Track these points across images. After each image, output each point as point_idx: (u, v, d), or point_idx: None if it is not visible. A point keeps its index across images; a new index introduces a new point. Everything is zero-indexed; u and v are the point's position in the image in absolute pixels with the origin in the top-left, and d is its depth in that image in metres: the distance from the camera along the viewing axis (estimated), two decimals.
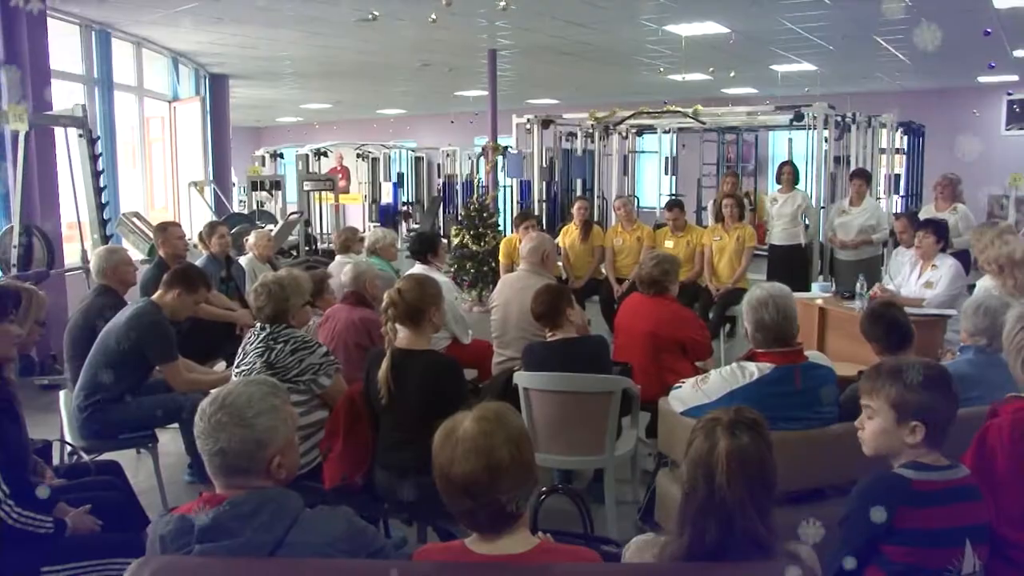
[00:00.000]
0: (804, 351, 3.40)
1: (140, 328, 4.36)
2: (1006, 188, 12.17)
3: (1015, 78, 15.03)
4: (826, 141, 10.10)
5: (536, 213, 11.29)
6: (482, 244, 10.48)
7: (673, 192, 14.68)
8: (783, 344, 3.30)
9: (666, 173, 15.54)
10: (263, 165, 19.05)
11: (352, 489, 3.58)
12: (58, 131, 7.63)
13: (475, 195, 11.79)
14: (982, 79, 15.26)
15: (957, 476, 2.26)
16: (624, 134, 13.78)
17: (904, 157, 13.68)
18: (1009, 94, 15.84)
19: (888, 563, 2.21)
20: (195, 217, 11.88)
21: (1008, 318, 2.47)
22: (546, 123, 12.45)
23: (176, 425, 4.67)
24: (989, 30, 9.51)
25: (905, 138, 13.44)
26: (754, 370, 3.27)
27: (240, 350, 4.04)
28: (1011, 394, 2.44)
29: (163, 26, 10.02)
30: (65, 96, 8.84)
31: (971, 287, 5.42)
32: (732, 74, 13.40)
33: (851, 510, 2.28)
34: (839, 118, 10.22)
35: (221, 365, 5.50)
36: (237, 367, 3.98)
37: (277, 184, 14.54)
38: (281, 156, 19.96)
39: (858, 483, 2.32)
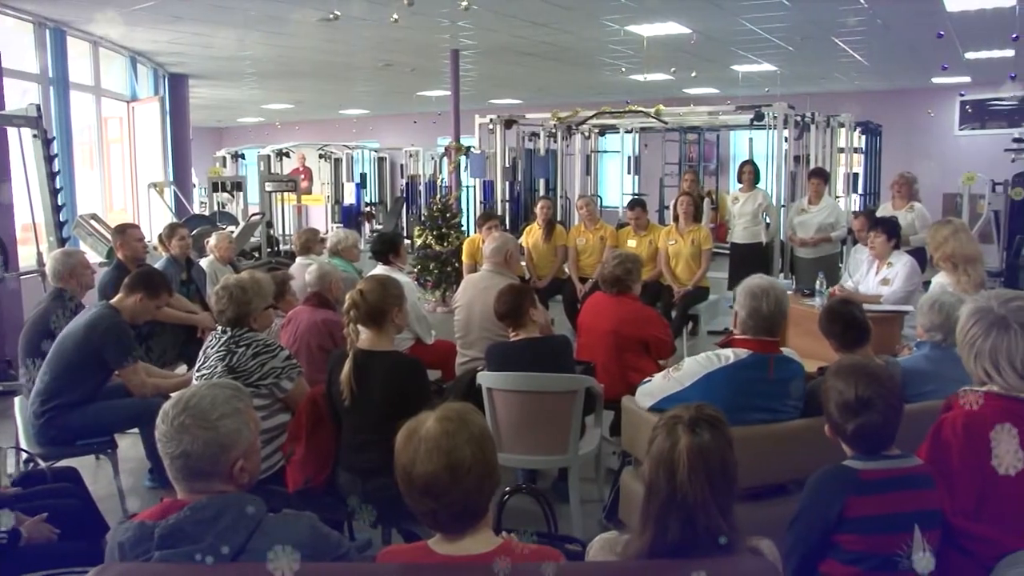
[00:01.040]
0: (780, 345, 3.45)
1: (98, 332, 4.30)
2: (960, 187, 12.37)
3: (967, 79, 15.30)
4: (786, 140, 10.22)
5: (499, 213, 11.29)
6: (445, 244, 10.46)
7: (636, 191, 14.75)
8: (767, 335, 3.34)
9: (628, 173, 15.62)
10: (224, 166, 18.88)
11: (315, 492, 3.56)
12: (11, 131, 7.48)
13: (438, 195, 11.76)
14: (936, 80, 15.52)
15: (905, 465, 2.31)
16: (587, 134, 13.83)
17: (862, 156, 13.87)
18: (962, 95, 16.13)
19: (842, 552, 2.26)
20: (155, 219, 11.74)
21: (961, 314, 2.51)
22: (509, 123, 12.46)
23: (136, 430, 4.62)
24: (942, 32, 9.67)
25: (863, 138, 13.64)
26: (730, 355, 3.31)
27: (201, 353, 4.00)
28: (964, 388, 2.49)
29: (120, 25, 9.87)
30: (19, 96, 8.70)
31: (927, 284, 5.51)
32: (693, 74, 13.50)
33: (803, 504, 2.33)
34: (799, 118, 10.34)
35: (182, 369, 5.45)
36: (198, 371, 3.93)
37: (238, 185, 14.40)
38: (242, 157, 19.80)
39: (809, 478, 2.37)
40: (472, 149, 12.11)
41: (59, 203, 7.68)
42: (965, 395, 2.45)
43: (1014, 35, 9.08)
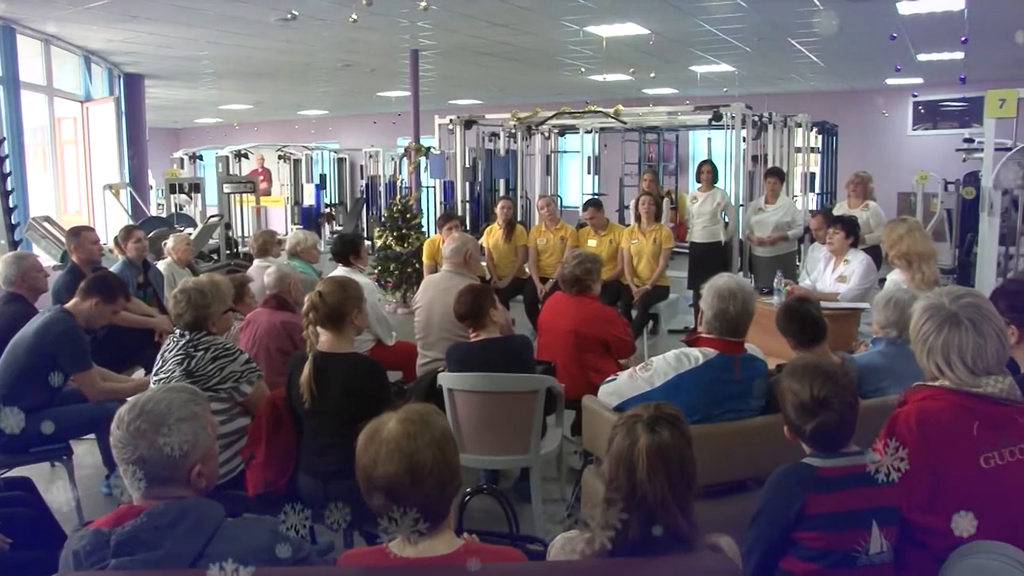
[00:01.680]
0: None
1: (51, 337, 4.23)
2: (914, 186, 12.59)
3: (920, 80, 15.57)
4: (744, 140, 10.32)
5: (459, 214, 11.28)
6: (405, 245, 10.43)
7: (596, 191, 14.81)
8: (733, 336, 3.36)
9: (588, 173, 15.69)
10: (181, 167, 18.72)
11: (276, 495, 3.53)
12: None
13: (398, 196, 11.72)
14: (890, 81, 15.78)
15: (862, 461, 2.34)
16: (546, 134, 13.87)
17: (819, 156, 14.06)
18: (914, 95, 16.41)
19: (802, 549, 2.28)
20: (110, 221, 11.60)
21: (914, 310, 2.55)
22: (469, 123, 12.45)
23: (93, 436, 4.55)
24: (895, 35, 9.82)
25: (819, 137, 13.83)
26: (699, 355, 3.31)
27: (159, 357, 3.95)
28: (918, 383, 2.53)
29: (73, 23, 9.73)
30: None
31: (882, 281, 5.59)
32: (652, 75, 13.59)
33: (763, 502, 2.36)
34: (756, 118, 10.45)
35: (139, 373, 5.38)
36: (155, 375, 3.89)
37: (196, 186, 14.27)
38: (200, 158, 19.62)
39: (769, 476, 2.39)
40: (432, 150, 12.09)
41: (11, 205, 7.57)
42: (918, 390, 2.49)
43: (963, 38, 9.26)
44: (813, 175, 13.70)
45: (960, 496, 2.32)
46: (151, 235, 8.02)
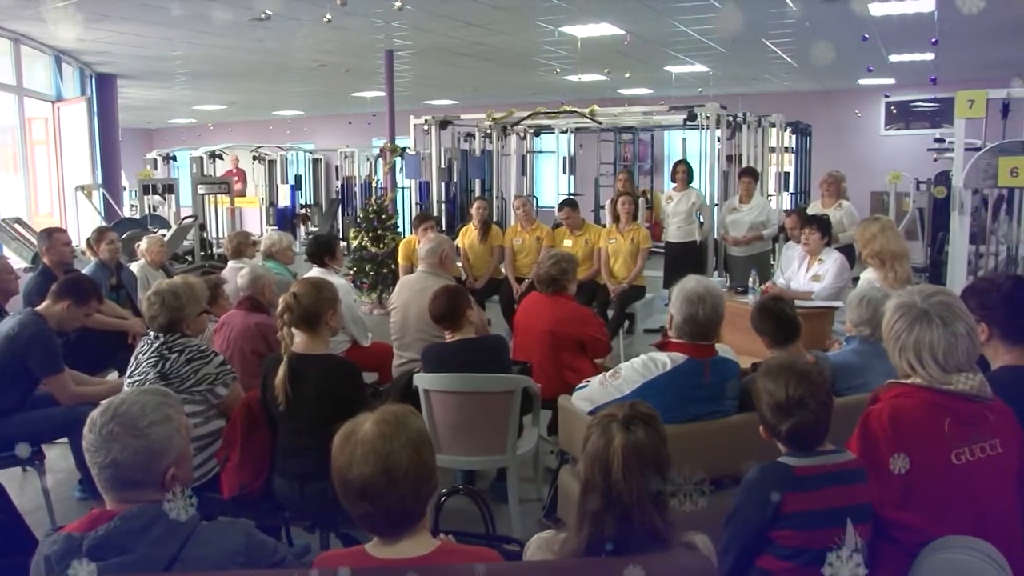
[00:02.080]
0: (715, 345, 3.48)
1: (22, 340, 4.19)
2: (886, 185, 12.71)
3: (892, 81, 15.71)
4: (719, 140, 10.36)
5: (435, 214, 11.27)
6: (381, 246, 10.41)
7: (571, 191, 14.83)
8: (703, 339, 3.36)
9: (564, 173, 15.69)
10: (155, 168, 18.60)
11: (251, 498, 3.52)
12: None
13: (373, 197, 11.69)
14: (862, 82, 15.92)
15: (838, 460, 2.36)
16: (522, 134, 13.86)
17: (793, 156, 14.14)
18: (886, 96, 16.56)
19: (778, 548, 2.29)
20: (83, 222, 11.49)
21: (886, 308, 2.57)
22: (444, 124, 12.43)
23: (65, 440, 4.51)
24: (867, 36, 9.91)
25: (793, 137, 13.90)
26: (667, 360, 3.31)
27: (133, 360, 3.92)
28: (890, 380, 2.55)
29: (43, 22, 9.62)
30: None
31: (856, 280, 5.64)
32: (627, 75, 13.64)
33: (739, 501, 2.37)
34: (730, 118, 10.49)
35: (113, 376, 5.33)
36: (129, 377, 3.85)
37: (170, 187, 14.18)
38: (174, 159, 19.50)
39: (745, 476, 2.41)
40: (407, 150, 12.06)
41: None
42: (891, 388, 2.52)
43: (933, 39, 9.36)
44: (787, 175, 13.78)
45: (932, 492, 2.34)
46: (124, 237, 7.96)
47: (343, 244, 9.13)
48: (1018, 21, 9.82)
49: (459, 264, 8.11)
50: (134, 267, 6.97)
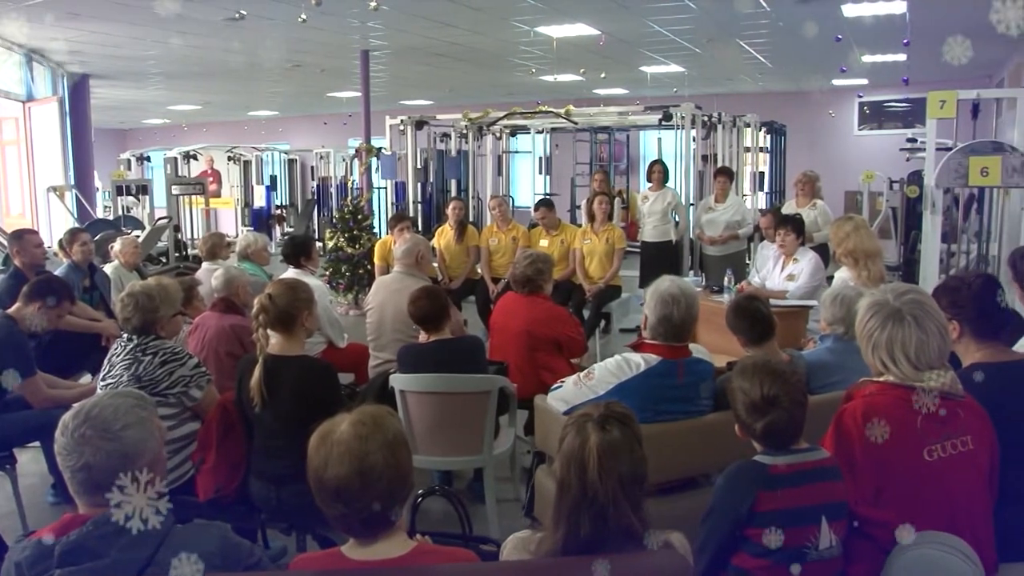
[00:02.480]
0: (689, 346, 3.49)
1: None
2: (860, 184, 12.82)
3: (865, 81, 15.84)
4: (694, 140, 10.41)
5: (411, 215, 11.23)
6: (357, 247, 10.38)
7: (547, 191, 14.85)
8: (677, 340, 3.37)
9: (540, 173, 15.71)
10: (129, 169, 18.45)
11: (227, 500, 3.50)
12: None
13: (349, 197, 11.66)
14: (836, 82, 16.03)
15: (813, 458, 2.37)
16: (498, 134, 13.86)
17: (767, 155, 14.23)
18: (860, 96, 16.69)
19: (753, 546, 2.30)
20: (55, 224, 11.39)
21: (859, 307, 2.60)
22: (420, 124, 12.41)
23: (37, 444, 4.46)
24: (840, 36, 9.98)
25: (768, 137, 13.98)
26: (640, 361, 3.32)
27: (106, 362, 3.88)
28: (864, 378, 2.57)
29: (13, 20, 9.50)
30: None
31: (830, 278, 5.68)
32: (603, 75, 13.67)
33: (715, 500, 2.38)
34: (706, 118, 10.54)
35: (86, 379, 5.28)
36: (102, 380, 3.82)
37: (144, 188, 14.08)
38: (148, 159, 19.34)
39: (720, 474, 2.42)
40: (383, 150, 12.04)
41: None
42: (864, 385, 2.54)
43: (905, 40, 9.45)
44: (762, 174, 13.86)
45: (905, 489, 2.36)
46: (97, 238, 7.89)
47: (319, 245, 9.10)
48: (988, 23, 9.92)
49: (435, 264, 8.10)
50: (108, 269, 6.91)
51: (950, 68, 13.46)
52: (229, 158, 20.06)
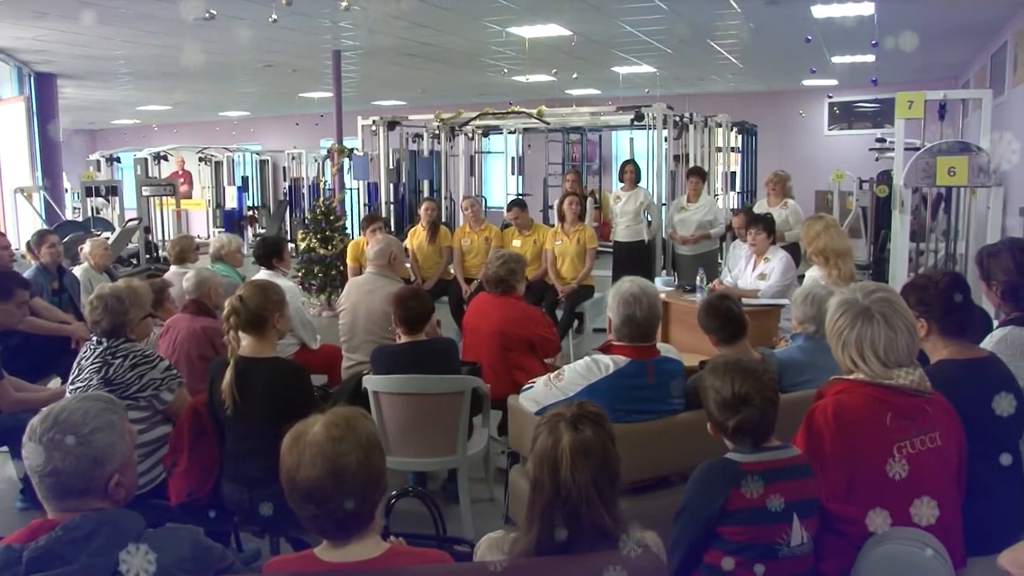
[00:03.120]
0: (657, 345, 3.50)
1: None
2: (830, 184, 12.93)
3: (834, 82, 15.98)
4: (666, 140, 10.45)
5: (383, 215, 11.21)
6: (329, 248, 10.34)
7: (520, 192, 14.86)
8: (644, 340, 3.38)
9: (513, 173, 15.72)
10: (98, 170, 18.28)
11: (200, 504, 3.47)
12: None
13: (322, 198, 11.61)
14: (806, 83, 16.16)
15: (784, 456, 2.39)
16: (470, 135, 13.85)
17: (739, 155, 14.32)
18: (829, 96, 16.84)
19: (725, 543, 2.32)
20: (23, 225, 11.25)
21: (829, 306, 2.62)
22: (392, 124, 12.38)
23: (6, 448, 4.41)
24: (809, 37, 10.06)
25: (739, 137, 14.08)
26: (609, 363, 3.34)
27: (75, 365, 3.84)
28: (834, 376, 2.60)
29: None
30: None
31: (801, 277, 5.73)
32: (575, 75, 13.68)
33: (687, 498, 2.39)
34: (677, 118, 10.59)
35: (56, 382, 5.22)
36: (71, 384, 3.78)
37: (114, 189, 13.96)
38: (118, 160, 19.17)
39: (693, 472, 2.43)
40: (355, 151, 11.99)
41: None
42: (834, 383, 2.57)
43: (874, 41, 9.56)
44: (734, 174, 13.96)
45: (875, 485, 2.39)
46: (66, 240, 7.82)
47: (291, 246, 9.06)
48: (954, 25, 10.07)
49: (408, 265, 8.09)
50: (77, 271, 6.84)
51: (917, 69, 13.67)
52: (200, 159, 19.92)
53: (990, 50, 10.99)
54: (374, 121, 12.19)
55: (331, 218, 10.57)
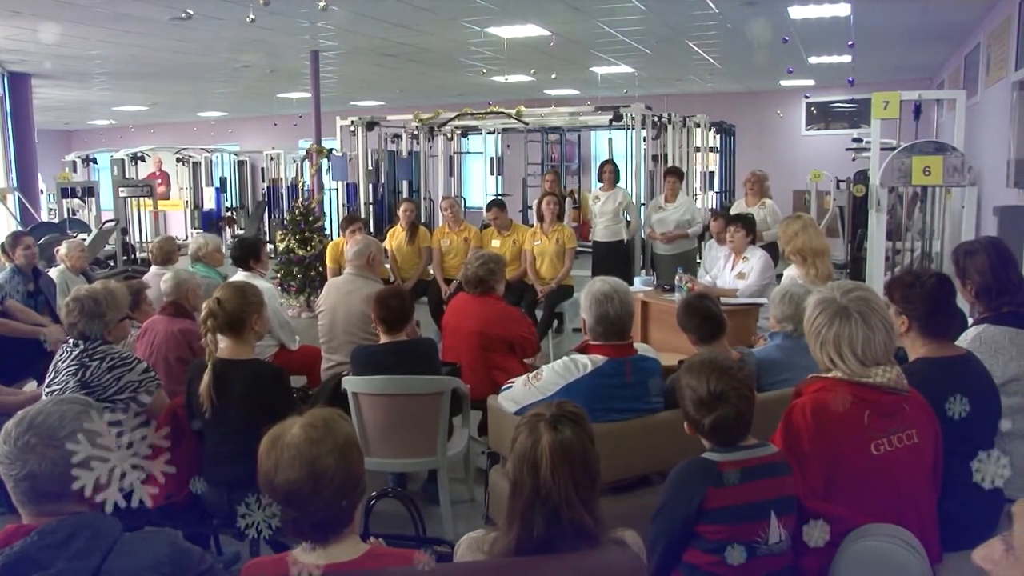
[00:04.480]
0: (633, 344, 3.51)
1: None
2: (808, 184, 13.02)
3: (812, 82, 16.09)
4: (644, 140, 10.48)
5: (363, 216, 11.18)
6: (308, 249, 10.30)
7: (499, 192, 14.85)
8: (619, 338, 3.39)
9: (492, 173, 15.71)
10: (74, 171, 18.14)
11: (179, 507, 3.45)
12: None
13: (300, 199, 11.56)
14: (784, 83, 16.26)
15: (761, 454, 2.40)
16: (449, 135, 13.84)
17: (717, 155, 14.39)
18: (807, 97, 16.95)
19: (704, 542, 2.32)
20: None
21: (807, 305, 2.64)
22: (371, 125, 12.36)
23: None
24: (787, 38, 10.13)
25: (717, 137, 14.14)
26: (587, 362, 3.34)
27: (51, 368, 3.80)
28: (813, 375, 2.61)
29: None
30: None
31: (780, 276, 5.76)
32: (554, 76, 13.69)
33: (665, 498, 2.40)
34: (656, 118, 10.63)
35: (31, 386, 5.17)
36: (48, 387, 3.74)
37: (90, 190, 13.85)
38: (94, 161, 19.03)
39: (670, 471, 2.44)
40: (334, 151, 11.96)
41: None
42: (813, 382, 2.58)
43: (850, 42, 9.63)
44: (712, 174, 14.03)
45: (853, 482, 2.41)
46: (41, 241, 7.76)
47: (270, 247, 9.02)
48: (929, 27, 10.15)
49: (387, 266, 8.07)
50: (53, 273, 6.78)
51: (893, 69, 13.78)
52: (178, 160, 19.80)
53: (964, 51, 11.10)
54: (353, 122, 12.16)
55: (310, 219, 10.53)
